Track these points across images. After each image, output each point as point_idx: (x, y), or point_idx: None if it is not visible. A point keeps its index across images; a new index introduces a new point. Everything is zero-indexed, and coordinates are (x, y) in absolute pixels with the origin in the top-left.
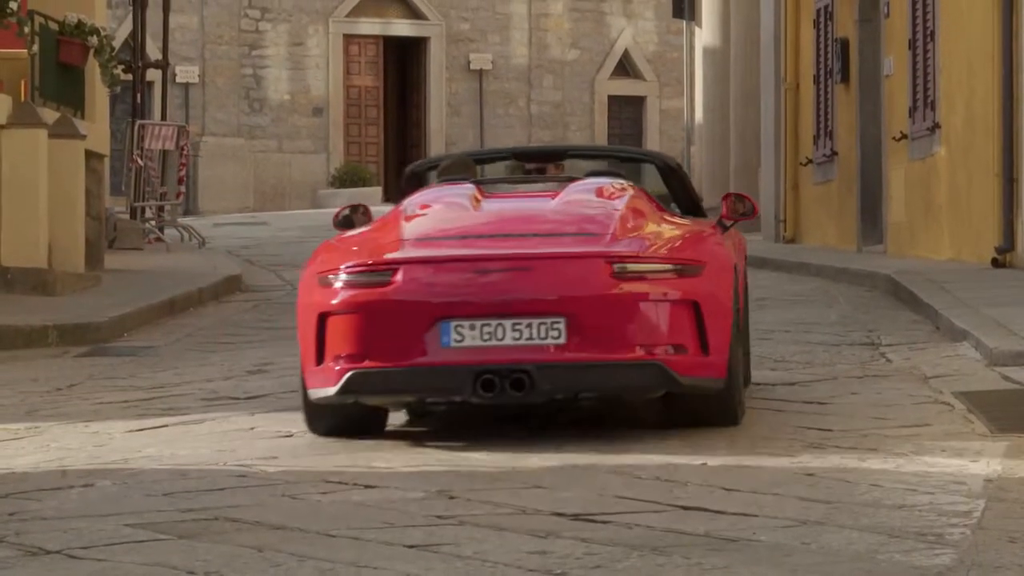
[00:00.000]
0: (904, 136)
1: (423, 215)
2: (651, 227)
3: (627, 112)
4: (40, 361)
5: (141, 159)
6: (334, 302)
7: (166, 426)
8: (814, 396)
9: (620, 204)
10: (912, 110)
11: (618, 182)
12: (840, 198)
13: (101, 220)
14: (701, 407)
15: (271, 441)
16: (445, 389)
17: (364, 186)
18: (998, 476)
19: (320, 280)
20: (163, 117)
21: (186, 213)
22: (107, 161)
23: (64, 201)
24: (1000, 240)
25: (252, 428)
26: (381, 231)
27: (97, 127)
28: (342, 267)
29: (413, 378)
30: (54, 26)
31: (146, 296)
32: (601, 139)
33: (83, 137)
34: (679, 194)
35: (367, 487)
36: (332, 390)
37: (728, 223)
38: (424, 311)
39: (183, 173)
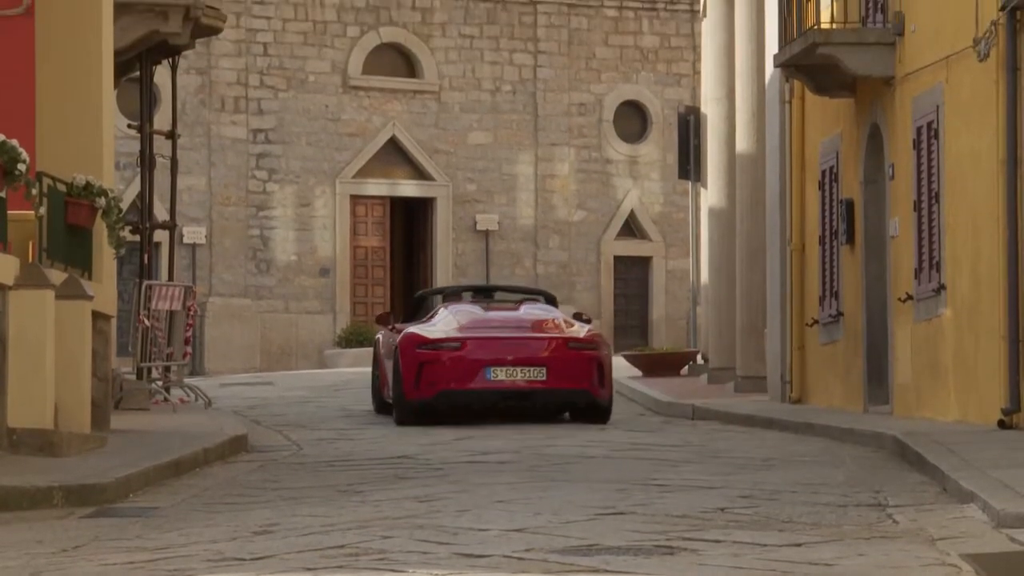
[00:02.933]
0: (910, 297)
1: (462, 314)
2: (574, 326)
3: (633, 272)
4: (46, 522)
5: (148, 319)
6: (429, 356)
7: None
8: (821, 557)
9: (557, 314)
10: (918, 271)
11: (544, 305)
12: (846, 359)
13: (107, 381)
14: (596, 416)
15: None
16: (487, 401)
17: (370, 346)
18: None
19: (417, 346)
20: (170, 277)
21: (192, 373)
22: (114, 322)
23: (71, 362)
24: (1006, 402)
25: None
26: (442, 323)
27: (104, 288)
28: (433, 339)
29: (470, 395)
30: (62, 187)
31: (152, 457)
32: (608, 300)
33: (90, 298)
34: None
35: None
36: (429, 399)
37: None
38: (478, 362)
39: (190, 333)
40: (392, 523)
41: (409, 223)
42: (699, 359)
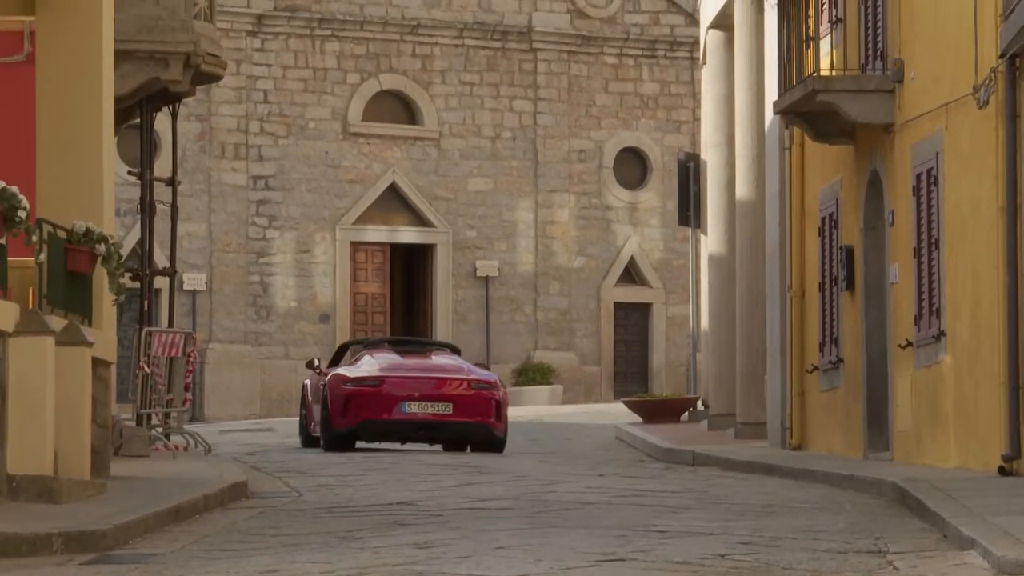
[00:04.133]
0: (910, 344)
1: (381, 359)
2: (477, 370)
3: (633, 319)
4: (45, 569)
5: (148, 366)
6: (354, 391)
7: None
8: None
9: (461, 361)
10: (918, 318)
11: (450, 354)
12: (846, 405)
13: (107, 427)
14: (493, 447)
15: None
16: (402, 431)
17: None
18: None
19: (344, 383)
20: (170, 324)
21: (192, 420)
22: (114, 368)
23: (70, 408)
24: (1007, 448)
25: None
26: (365, 365)
27: (104, 334)
28: (357, 377)
29: (388, 425)
30: (62, 234)
31: (151, 503)
32: (608, 346)
33: (90, 345)
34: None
35: None
36: (353, 428)
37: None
38: (395, 397)
39: (190, 380)
40: (391, 570)
41: (409, 269)
42: (699, 405)
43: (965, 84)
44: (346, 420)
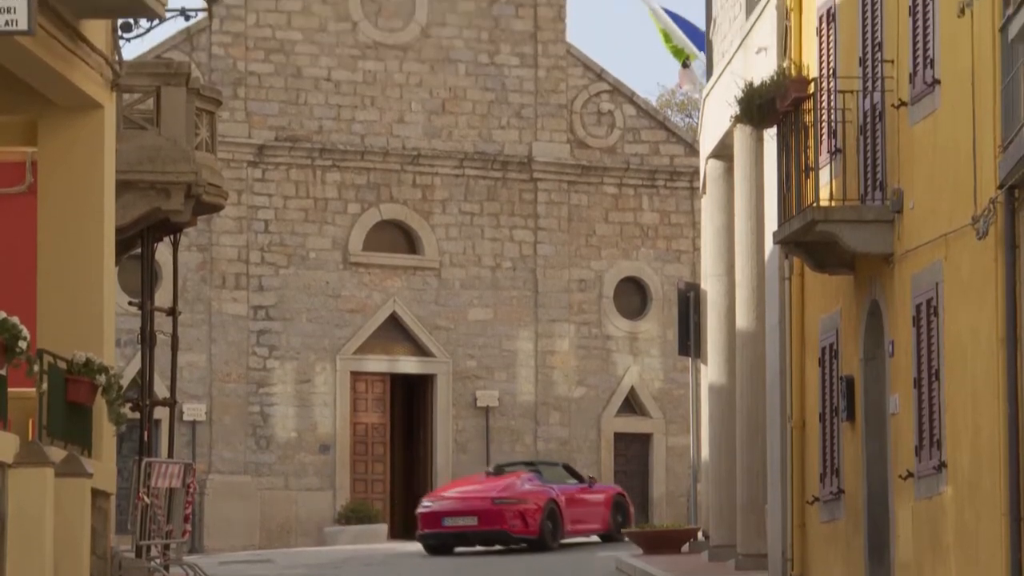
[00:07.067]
0: (911, 475)
1: (458, 485)
2: (517, 486)
3: (633, 449)
4: None
5: (147, 497)
6: (424, 512)
7: None
8: None
9: (510, 481)
10: (918, 448)
11: (526, 474)
12: (847, 536)
13: (106, 559)
14: (533, 546)
15: None
16: (444, 539)
17: (371, 523)
18: None
19: (421, 507)
20: (170, 455)
21: (192, 551)
22: (113, 499)
23: (69, 540)
24: None
25: None
26: (443, 489)
27: (104, 465)
28: (427, 502)
29: (436, 535)
30: (63, 365)
31: None
32: (608, 476)
33: (90, 476)
34: (573, 474)
35: None
36: (422, 536)
37: (589, 481)
38: (440, 514)
39: (189, 511)
40: None
41: (409, 399)
42: (700, 536)
43: (964, 214)
44: (421, 531)
